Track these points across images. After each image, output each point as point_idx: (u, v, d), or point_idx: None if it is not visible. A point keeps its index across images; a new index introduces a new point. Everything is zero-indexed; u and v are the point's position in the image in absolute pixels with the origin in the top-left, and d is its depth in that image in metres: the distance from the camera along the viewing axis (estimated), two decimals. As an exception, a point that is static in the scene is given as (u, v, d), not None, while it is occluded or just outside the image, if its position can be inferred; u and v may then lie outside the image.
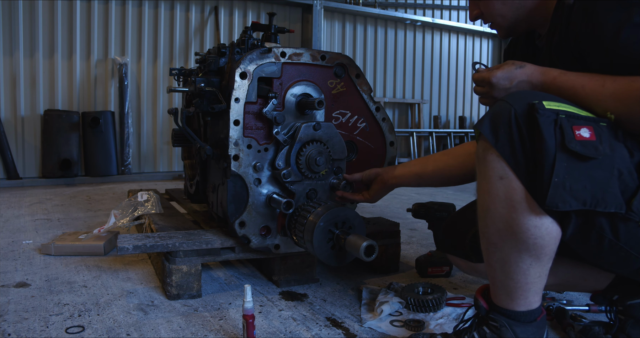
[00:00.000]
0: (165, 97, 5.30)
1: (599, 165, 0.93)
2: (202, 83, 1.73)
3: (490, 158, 1.01)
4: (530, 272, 1.04)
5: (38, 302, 1.61)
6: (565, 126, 0.93)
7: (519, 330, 1.08)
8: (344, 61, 1.78)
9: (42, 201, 3.62)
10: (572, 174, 0.92)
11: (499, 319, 1.10)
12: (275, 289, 1.77)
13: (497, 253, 1.06)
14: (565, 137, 0.93)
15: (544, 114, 0.94)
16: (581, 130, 0.94)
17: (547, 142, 0.93)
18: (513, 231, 1.01)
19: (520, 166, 0.98)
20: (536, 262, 1.03)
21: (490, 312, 1.12)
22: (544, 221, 0.99)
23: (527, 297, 1.08)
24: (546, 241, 1.00)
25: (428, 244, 2.48)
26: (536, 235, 0.99)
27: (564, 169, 0.92)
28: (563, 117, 0.94)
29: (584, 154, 0.92)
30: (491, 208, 1.04)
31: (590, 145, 0.93)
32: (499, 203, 1.02)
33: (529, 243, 1.00)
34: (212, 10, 5.50)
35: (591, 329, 1.31)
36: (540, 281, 1.06)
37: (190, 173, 2.48)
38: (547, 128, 0.93)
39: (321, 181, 1.72)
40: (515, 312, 1.09)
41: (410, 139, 6.87)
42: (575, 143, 0.92)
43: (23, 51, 4.65)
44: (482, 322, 1.14)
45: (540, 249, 1.01)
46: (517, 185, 0.99)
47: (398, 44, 6.97)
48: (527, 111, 0.96)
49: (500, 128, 0.99)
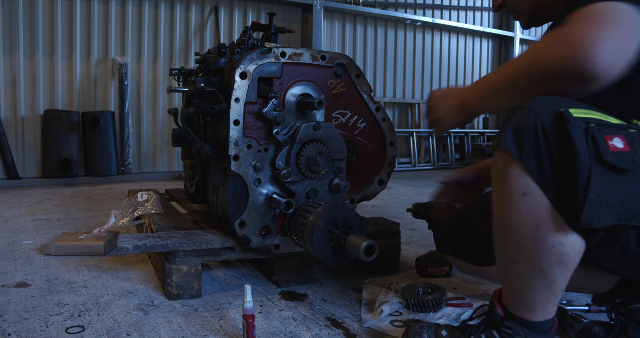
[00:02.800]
0: (165, 97, 5.30)
1: (635, 177, 0.88)
2: (202, 83, 1.73)
3: (512, 172, 0.95)
4: (553, 287, 1.01)
5: (38, 302, 1.61)
6: (598, 137, 0.88)
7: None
8: (344, 61, 1.78)
9: (42, 201, 3.62)
10: (608, 189, 0.87)
11: (514, 327, 1.07)
12: (275, 289, 1.77)
13: (517, 269, 1.02)
14: (600, 149, 0.87)
15: (574, 124, 0.88)
16: (614, 140, 0.88)
17: (580, 155, 0.87)
18: (537, 248, 0.96)
19: (548, 181, 0.92)
20: (561, 277, 0.99)
21: (506, 319, 1.09)
22: (570, 238, 0.94)
23: (546, 308, 1.04)
24: (571, 257, 0.97)
25: (428, 244, 2.48)
26: (561, 252, 0.95)
27: (600, 184, 0.86)
28: (593, 126, 0.88)
29: (620, 166, 0.87)
30: (512, 225, 0.99)
31: (626, 157, 0.88)
32: (521, 220, 0.96)
33: (553, 260, 0.97)
34: (212, 10, 5.50)
35: (591, 329, 1.31)
36: (560, 294, 1.03)
37: (190, 173, 2.48)
38: (579, 139, 0.87)
39: (321, 181, 1.71)
40: (532, 322, 1.06)
41: (410, 139, 6.87)
42: (611, 155, 0.87)
43: (23, 51, 4.65)
44: (492, 326, 1.11)
45: (564, 265, 0.97)
46: (543, 201, 0.93)
47: (398, 44, 6.97)
48: (556, 121, 0.90)
49: (525, 139, 0.92)
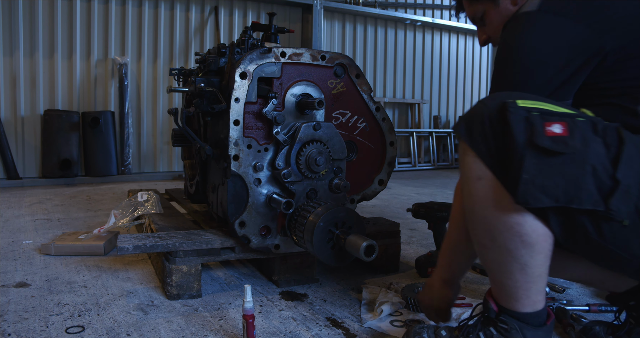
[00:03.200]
0: (165, 97, 5.30)
1: (571, 161, 0.91)
2: (202, 83, 1.73)
3: (467, 159, 1.03)
4: (527, 271, 1.03)
5: (38, 302, 1.61)
6: (537, 123, 0.93)
7: (529, 333, 1.06)
8: (344, 61, 1.78)
9: (42, 201, 3.62)
10: (543, 171, 0.91)
11: (509, 321, 1.08)
12: (275, 289, 1.77)
13: (489, 254, 1.06)
14: (534, 133, 0.92)
15: (514, 111, 0.94)
16: (553, 126, 0.92)
17: (516, 139, 0.93)
18: (499, 231, 1.00)
19: (496, 164, 0.98)
20: (530, 260, 1.01)
21: (501, 314, 1.10)
22: (527, 219, 0.98)
23: (529, 296, 1.06)
24: (534, 239, 0.99)
25: (428, 244, 2.48)
26: (521, 232, 0.99)
27: (533, 166, 0.91)
28: (536, 114, 0.94)
29: (552, 149, 0.91)
30: (475, 209, 1.04)
31: (560, 141, 0.91)
32: (480, 203, 1.02)
33: (517, 241, 1.00)
34: (212, 10, 5.49)
35: (591, 329, 1.30)
36: (540, 281, 1.05)
37: (190, 173, 2.48)
38: (517, 125, 0.93)
39: (321, 181, 1.72)
40: (522, 314, 1.07)
41: (410, 139, 6.87)
42: (544, 139, 0.91)
43: (23, 51, 4.65)
44: (489, 323, 1.12)
45: (530, 246, 1.00)
46: (495, 184, 0.99)
47: (398, 44, 6.97)
48: (499, 110, 0.97)
49: (474, 127, 1.00)
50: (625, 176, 0.91)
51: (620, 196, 0.91)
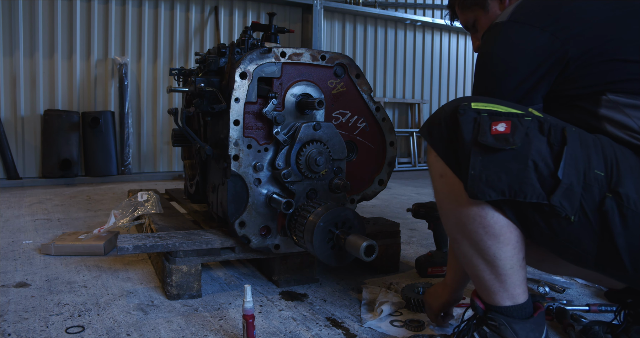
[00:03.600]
0: (165, 97, 5.30)
1: (514, 157, 0.96)
2: (202, 83, 1.73)
3: (431, 159, 1.12)
4: (498, 263, 1.06)
5: (38, 302, 1.61)
6: (484, 123, 0.99)
7: (517, 327, 1.09)
8: (344, 61, 1.78)
9: (42, 201, 3.62)
10: (488, 167, 0.97)
11: (497, 318, 1.10)
12: (275, 289, 1.77)
13: (461, 248, 1.11)
14: (479, 132, 0.98)
15: (464, 113, 1.01)
16: (498, 125, 0.98)
17: (464, 138, 1.00)
18: (463, 223, 1.07)
19: (453, 162, 1.05)
20: (500, 252, 1.05)
21: (488, 311, 1.13)
22: (487, 211, 1.03)
23: (507, 289, 1.09)
24: (497, 230, 1.04)
25: (428, 244, 2.48)
26: (484, 223, 1.04)
27: (479, 162, 0.98)
28: (484, 115, 1.00)
29: (493, 146, 0.96)
30: (442, 206, 1.12)
31: (502, 138, 0.97)
32: (446, 199, 1.10)
33: (481, 232, 1.05)
34: (212, 10, 5.49)
35: (591, 329, 1.31)
36: (514, 273, 1.07)
37: (190, 173, 2.48)
38: (467, 125, 1.00)
39: (321, 181, 1.72)
40: (504, 308, 1.10)
41: (410, 139, 6.87)
42: (487, 137, 0.97)
43: (23, 51, 4.65)
44: (482, 322, 1.14)
45: (496, 237, 1.04)
46: (455, 180, 1.06)
47: (398, 44, 6.97)
48: (452, 112, 1.04)
49: (434, 129, 1.09)
50: (567, 175, 0.95)
51: (562, 193, 0.95)
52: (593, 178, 0.96)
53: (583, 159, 0.97)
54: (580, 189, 0.95)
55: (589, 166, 0.96)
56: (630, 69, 1.03)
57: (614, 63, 1.04)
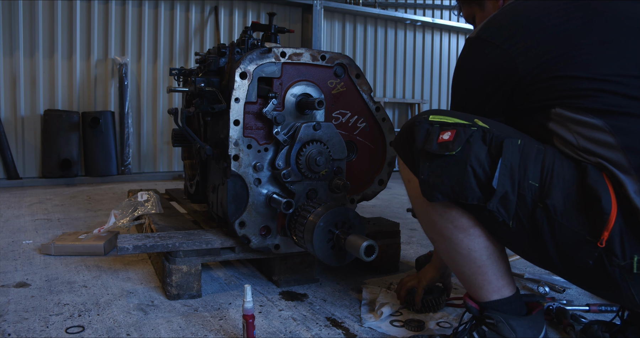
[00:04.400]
0: (165, 97, 5.30)
1: (455, 163, 1.03)
2: (202, 83, 1.73)
3: (400, 166, 1.22)
4: (474, 255, 1.11)
5: (38, 302, 1.61)
6: (434, 133, 1.07)
7: (514, 323, 1.10)
8: (344, 61, 1.78)
9: (42, 201, 3.62)
10: (434, 171, 1.05)
11: (494, 316, 1.12)
12: (275, 289, 1.77)
13: (440, 246, 1.17)
14: (427, 141, 1.07)
15: (419, 124, 1.11)
16: (444, 134, 1.06)
17: (416, 146, 1.10)
18: (433, 220, 1.14)
19: (413, 168, 1.14)
20: (472, 244, 1.10)
21: (483, 310, 1.15)
22: (451, 208, 1.10)
23: (490, 281, 1.12)
24: (464, 223, 1.10)
25: (428, 244, 2.48)
26: (450, 219, 1.11)
27: (427, 168, 1.06)
28: (436, 126, 1.08)
29: (434, 152, 1.05)
30: (415, 208, 1.20)
31: (444, 145, 1.04)
32: (416, 201, 1.19)
33: (450, 227, 1.11)
34: (212, 10, 5.49)
35: (590, 328, 1.31)
36: (493, 264, 1.11)
37: (190, 173, 2.48)
38: (420, 135, 1.09)
39: (321, 181, 1.72)
40: (493, 303, 1.13)
41: (410, 139, 6.87)
42: (433, 145, 1.05)
43: (23, 51, 4.65)
44: (480, 322, 1.15)
45: (464, 230, 1.10)
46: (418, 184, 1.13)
47: (398, 44, 6.97)
48: (411, 124, 1.14)
49: (400, 139, 1.19)
50: (502, 184, 1.00)
51: (498, 200, 1.01)
52: (527, 188, 1.01)
53: (519, 169, 1.01)
54: (514, 197, 1.01)
55: (524, 176, 1.01)
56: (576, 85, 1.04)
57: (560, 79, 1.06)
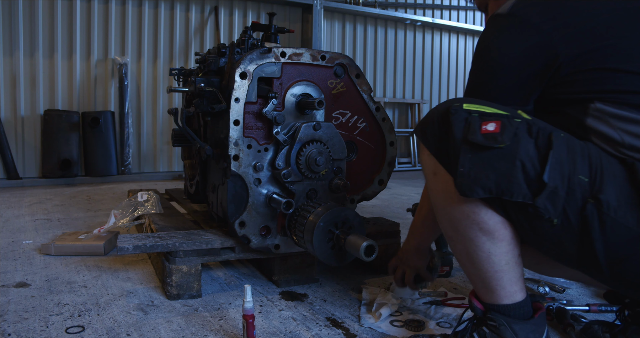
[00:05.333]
0: (165, 97, 5.30)
1: (502, 156, 0.97)
2: (202, 83, 1.73)
3: (424, 157, 1.13)
4: (493, 259, 1.06)
5: (38, 302, 1.61)
6: (474, 122, 1.00)
7: (517, 327, 1.08)
8: (344, 61, 1.78)
9: (42, 201, 3.62)
10: (477, 164, 0.98)
11: (496, 318, 1.10)
12: (275, 289, 1.77)
13: (457, 245, 1.11)
14: (469, 131, 0.99)
15: (455, 113, 1.03)
16: (488, 124, 0.99)
17: (455, 136, 1.01)
18: (458, 220, 1.07)
19: (446, 160, 1.06)
20: (494, 248, 1.05)
21: (487, 312, 1.13)
22: (481, 208, 1.04)
23: (504, 286, 1.08)
24: (491, 225, 1.04)
25: (428, 244, 2.48)
26: (478, 220, 1.04)
27: (468, 160, 0.99)
28: (475, 115, 1.01)
29: (482, 144, 0.98)
30: (436, 204, 1.12)
31: (491, 137, 0.98)
32: (439, 197, 1.10)
33: (475, 228, 1.05)
34: (212, 10, 5.49)
35: (590, 328, 1.31)
36: (510, 270, 1.07)
37: (190, 173, 2.48)
38: (458, 125, 1.02)
39: (321, 181, 1.72)
40: (503, 307, 1.10)
41: (410, 139, 6.87)
42: (477, 136, 0.98)
43: (23, 51, 4.65)
44: (481, 323, 1.14)
45: (490, 234, 1.04)
46: (447, 178, 1.07)
47: (398, 44, 6.97)
48: (444, 112, 1.06)
49: (427, 129, 1.10)
50: (552, 178, 0.95)
51: (547, 196, 0.96)
52: (577, 183, 0.97)
53: (568, 164, 0.97)
54: (564, 193, 0.96)
55: (574, 171, 0.97)
56: (621, 80, 1.02)
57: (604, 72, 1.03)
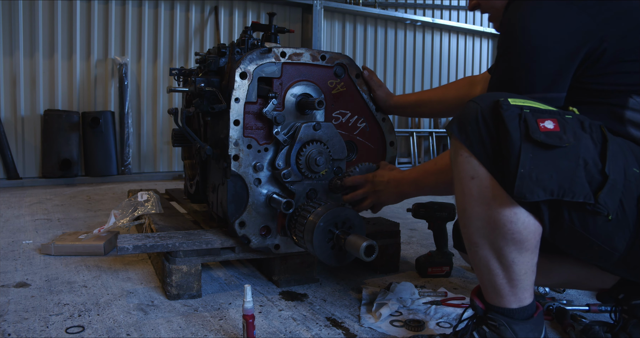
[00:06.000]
0: (165, 97, 5.30)
1: (565, 155, 0.93)
2: (202, 83, 1.73)
3: (460, 159, 1.03)
4: (514, 269, 1.04)
5: (38, 302, 1.61)
6: (530, 119, 0.94)
7: (517, 328, 1.08)
8: (344, 61, 1.78)
9: (42, 201, 3.62)
10: (538, 165, 0.93)
11: (497, 318, 1.10)
12: (275, 289, 1.77)
13: (479, 252, 1.07)
14: (529, 128, 0.93)
15: (507, 109, 0.95)
16: (545, 122, 0.95)
17: (512, 135, 0.94)
18: (491, 228, 1.02)
19: (491, 161, 0.99)
20: (518, 258, 1.03)
21: (488, 311, 1.13)
22: (520, 216, 0.99)
23: (516, 293, 1.07)
24: (524, 236, 1.01)
25: (428, 244, 2.48)
26: (513, 230, 1.00)
27: (529, 160, 0.93)
28: (527, 111, 0.95)
29: (548, 143, 0.92)
30: (467, 208, 1.05)
31: (554, 135, 0.93)
32: (474, 201, 1.03)
33: (507, 238, 1.01)
34: (212, 10, 5.49)
35: (591, 328, 1.31)
36: (527, 278, 1.06)
37: (190, 173, 2.48)
38: (512, 121, 0.94)
39: (321, 181, 1.71)
40: (508, 310, 1.09)
41: (410, 139, 6.87)
42: (539, 134, 0.93)
43: (23, 51, 4.65)
44: (481, 322, 1.14)
45: (520, 244, 1.01)
46: (490, 182, 1.00)
47: (398, 44, 6.97)
48: (492, 108, 0.98)
49: (468, 126, 1.01)
50: (613, 171, 0.94)
51: (608, 190, 0.94)
52: (632, 174, 0.95)
53: (621, 156, 0.96)
54: (621, 185, 0.94)
55: (627, 163, 0.96)
56: None
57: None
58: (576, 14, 1.03)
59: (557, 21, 1.03)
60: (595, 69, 1.04)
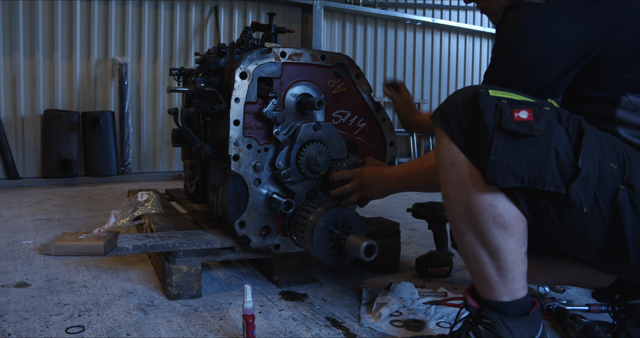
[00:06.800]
0: (165, 97, 5.30)
1: (536, 144, 0.96)
2: (202, 83, 1.73)
3: (442, 146, 1.07)
4: (501, 256, 1.04)
5: (38, 302, 1.61)
6: (505, 109, 0.97)
7: (511, 325, 1.06)
8: (344, 61, 1.78)
9: (42, 201, 3.62)
10: (509, 152, 0.96)
11: (491, 316, 1.08)
12: (275, 289, 1.77)
13: (464, 239, 1.08)
14: (502, 118, 0.96)
15: (485, 99, 0.99)
16: (520, 112, 0.97)
17: (486, 123, 0.97)
18: (472, 213, 1.03)
19: (469, 148, 1.02)
20: (504, 244, 1.03)
21: (482, 309, 1.11)
22: (500, 200, 1.01)
23: (507, 284, 1.07)
24: (507, 220, 1.02)
25: (428, 244, 2.48)
26: (494, 213, 1.02)
27: (501, 148, 0.96)
28: (505, 102, 0.98)
29: (518, 132, 0.95)
30: (450, 194, 1.08)
31: (526, 124, 0.96)
32: (454, 187, 1.06)
33: (490, 222, 1.02)
34: (212, 10, 5.49)
35: (591, 328, 1.31)
36: (515, 267, 1.06)
37: (190, 173, 2.48)
38: (488, 111, 0.98)
39: (321, 181, 1.71)
40: (501, 303, 1.08)
41: (410, 139, 6.87)
42: (511, 123, 0.95)
43: (23, 51, 4.65)
44: (476, 321, 1.12)
45: (503, 228, 1.02)
46: (469, 168, 1.03)
47: (398, 44, 6.97)
48: (471, 98, 1.02)
49: (449, 114, 1.05)
50: (586, 165, 0.95)
51: (580, 183, 0.95)
52: (607, 169, 0.97)
53: (598, 151, 0.97)
54: (595, 179, 0.96)
55: (604, 158, 0.97)
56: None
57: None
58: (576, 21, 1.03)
59: (556, 28, 1.03)
60: (592, 74, 1.06)
